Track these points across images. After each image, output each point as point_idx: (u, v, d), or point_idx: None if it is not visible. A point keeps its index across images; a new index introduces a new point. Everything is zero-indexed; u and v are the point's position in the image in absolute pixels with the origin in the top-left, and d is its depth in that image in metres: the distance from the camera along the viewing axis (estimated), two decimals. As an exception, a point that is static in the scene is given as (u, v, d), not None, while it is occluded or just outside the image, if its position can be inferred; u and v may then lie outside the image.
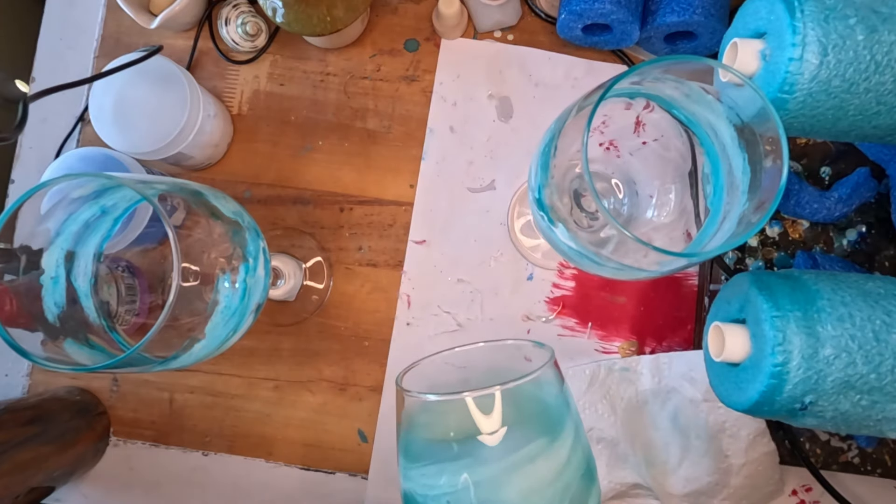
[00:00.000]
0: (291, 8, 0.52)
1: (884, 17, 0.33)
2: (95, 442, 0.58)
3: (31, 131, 0.62)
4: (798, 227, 0.54)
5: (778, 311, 0.34)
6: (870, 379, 0.33)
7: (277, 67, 0.61)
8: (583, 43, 0.57)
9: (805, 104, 0.34)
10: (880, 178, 0.52)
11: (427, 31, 0.60)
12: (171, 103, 0.52)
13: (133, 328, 0.47)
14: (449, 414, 0.28)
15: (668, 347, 0.58)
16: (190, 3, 0.56)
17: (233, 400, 0.59)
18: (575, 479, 0.28)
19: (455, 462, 0.27)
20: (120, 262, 0.48)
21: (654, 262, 0.33)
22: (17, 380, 0.60)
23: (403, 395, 0.30)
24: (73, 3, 0.62)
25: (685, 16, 0.50)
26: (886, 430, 0.35)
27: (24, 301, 0.38)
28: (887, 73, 0.33)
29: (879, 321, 0.34)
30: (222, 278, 0.40)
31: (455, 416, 0.28)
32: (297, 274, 0.57)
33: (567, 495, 0.28)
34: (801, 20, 0.32)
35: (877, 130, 0.36)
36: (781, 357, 0.33)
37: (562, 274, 0.58)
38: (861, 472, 0.53)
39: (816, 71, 0.32)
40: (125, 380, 0.60)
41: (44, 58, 0.62)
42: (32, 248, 0.39)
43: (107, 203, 0.43)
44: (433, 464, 0.28)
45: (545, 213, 0.37)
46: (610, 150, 0.42)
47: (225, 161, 0.61)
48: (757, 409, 0.36)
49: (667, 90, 0.37)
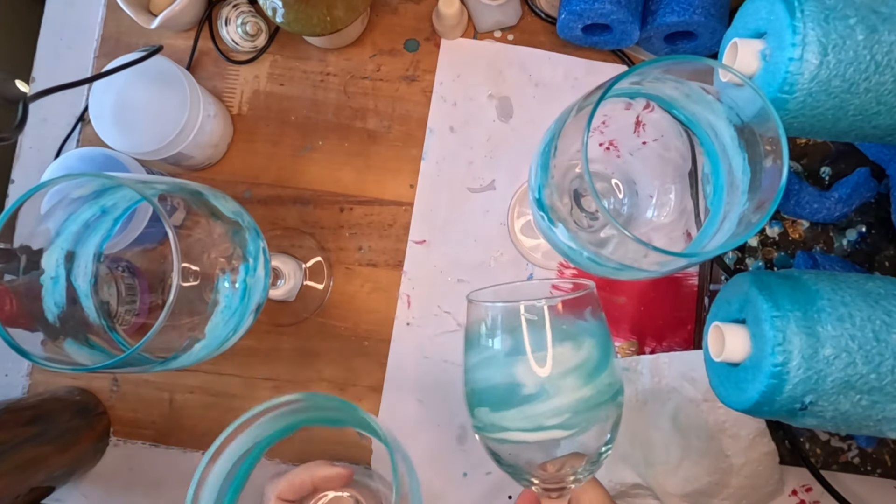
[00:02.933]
0: (291, 8, 0.52)
1: (884, 17, 0.33)
2: (95, 442, 0.58)
3: (31, 131, 0.62)
4: (798, 227, 0.54)
5: (778, 311, 0.34)
6: (870, 379, 0.33)
7: (277, 67, 0.61)
8: (583, 43, 0.57)
9: (805, 104, 0.34)
10: (880, 178, 0.52)
11: (427, 31, 0.60)
12: (171, 103, 0.52)
13: (133, 328, 0.47)
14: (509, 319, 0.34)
15: (668, 347, 0.58)
16: (190, 3, 0.56)
17: (233, 400, 0.59)
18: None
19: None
20: (120, 262, 0.48)
21: (654, 262, 0.33)
22: (17, 380, 0.60)
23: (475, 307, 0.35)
24: (73, 3, 0.62)
25: (685, 16, 0.50)
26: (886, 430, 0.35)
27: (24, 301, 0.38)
28: (887, 73, 0.33)
29: (879, 321, 0.34)
30: (222, 278, 0.40)
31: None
32: (297, 274, 0.57)
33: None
34: (801, 20, 0.32)
35: (877, 130, 0.36)
36: (781, 357, 0.33)
37: (562, 274, 0.58)
38: (861, 472, 0.53)
39: (816, 71, 0.32)
40: (125, 380, 0.60)
41: (44, 58, 0.62)
42: (32, 248, 0.39)
43: (107, 203, 0.43)
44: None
45: (545, 213, 0.37)
46: (610, 150, 0.42)
47: (225, 161, 0.61)
48: (757, 409, 0.36)
49: (667, 90, 0.37)
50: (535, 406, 0.33)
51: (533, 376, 0.33)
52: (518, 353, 0.34)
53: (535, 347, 0.33)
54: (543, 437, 0.33)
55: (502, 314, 0.35)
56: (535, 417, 0.33)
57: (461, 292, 0.59)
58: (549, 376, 0.33)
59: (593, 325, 0.35)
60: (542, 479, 0.35)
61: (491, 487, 0.57)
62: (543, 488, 0.36)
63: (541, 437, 0.33)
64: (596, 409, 0.34)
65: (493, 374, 0.35)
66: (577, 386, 0.33)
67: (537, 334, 0.34)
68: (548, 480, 0.35)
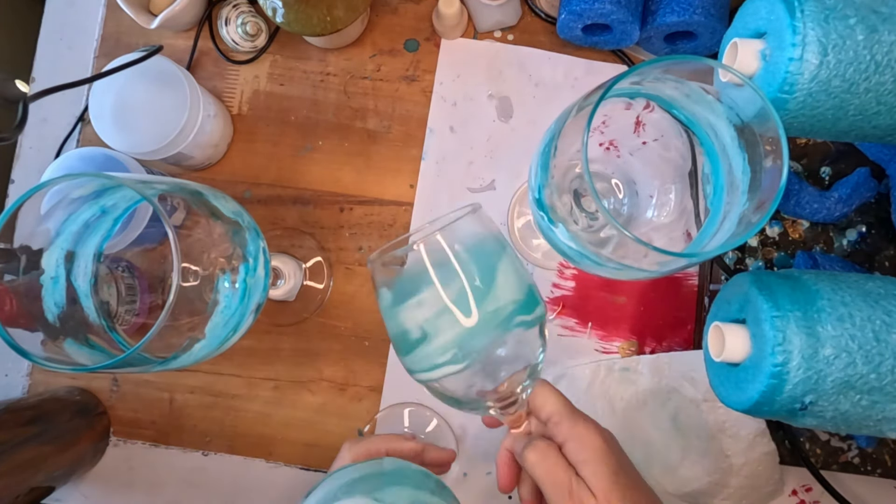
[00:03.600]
0: (291, 8, 0.52)
1: (884, 17, 0.33)
2: (95, 442, 0.58)
3: (31, 131, 0.62)
4: (798, 227, 0.54)
5: (778, 311, 0.34)
6: (870, 379, 0.33)
7: (277, 67, 0.61)
8: (583, 43, 0.57)
9: (805, 104, 0.34)
10: (880, 178, 0.52)
11: (427, 31, 0.60)
12: (171, 103, 0.52)
13: (133, 328, 0.47)
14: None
15: (668, 347, 0.58)
16: (190, 3, 0.56)
17: (233, 400, 0.59)
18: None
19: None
20: (120, 262, 0.48)
21: (654, 262, 0.33)
22: (17, 380, 0.60)
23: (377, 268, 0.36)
24: (73, 3, 0.62)
25: (685, 16, 0.50)
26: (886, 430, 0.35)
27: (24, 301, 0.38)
28: (887, 73, 0.33)
29: (879, 321, 0.34)
30: (222, 278, 0.40)
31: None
32: (297, 274, 0.57)
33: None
34: (801, 20, 0.32)
35: (877, 130, 0.36)
36: (781, 357, 0.33)
37: (562, 274, 0.58)
38: (861, 472, 0.53)
39: (816, 71, 0.32)
40: (125, 380, 0.60)
41: (44, 58, 0.62)
42: (32, 248, 0.39)
43: (107, 203, 0.43)
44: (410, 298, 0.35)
45: (545, 213, 0.37)
46: (610, 150, 0.42)
47: (225, 161, 0.61)
48: (757, 409, 0.36)
49: (667, 90, 0.37)
50: (423, 349, 0.35)
51: (412, 321, 0.35)
52: (399, 302, 0.36)
53: (409, 294, 0.35)
54: (443, 373, 0.35)
55: (376, 268, 0.36)
56: (427, 358, 0.35)
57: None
58: (426, 318, 0.34)
59: (469, 256, 0.35)
60: (497, 400, 0.38)
61: (491, 487, 0.57)
62: (500, 408, 0.38)
63: (441, 373, 0.35)
64: (489, 333, 0.34)
65: (391, 325, 0.37)
66: (454, 322, 0.34)
67: (409, 282, 0.35)
68: (501, 399, 0.37)
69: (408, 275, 0.35)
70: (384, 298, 0.37)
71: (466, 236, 0.35)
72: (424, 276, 0.34)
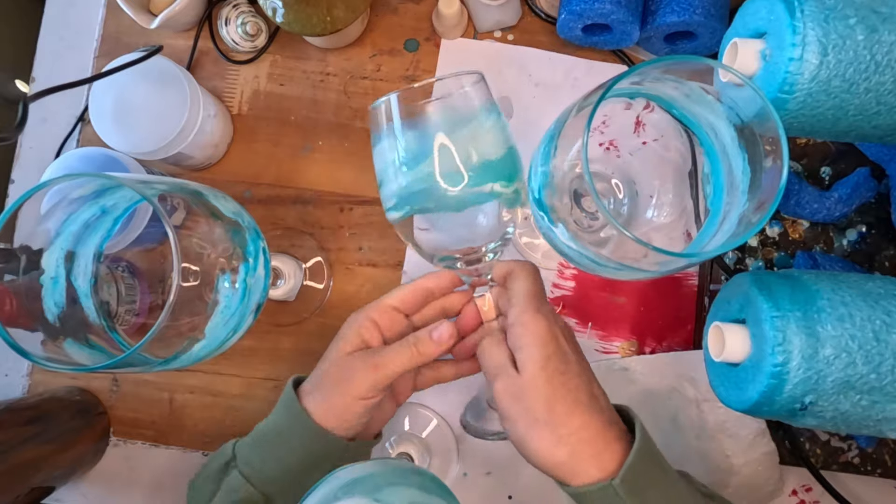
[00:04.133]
0: (291, 8, 0.52)
1: (884, 17, 0.33)
2: (95, 442, 0.58)
3: (31, 131, 0.62)
4: (798, 227, 0.54)
5: (778, 311, 0.34)
6: (870, 379, 0.33)
7: (277, 67, 0.61)
8: (583, 43, 0.57)
9: (805, 104, 0.34)
10: (880, 178, 0.52)
11: (427, 31, 0.60)
12: (171, 103, 0.52)
13: (133, 328, 0.47)
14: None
15: (668, 347, 0.58)
16: (190, 3, 0.56)
17: (233, 400, 0.59)
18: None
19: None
20: (120, 262, 0.48)
21: (654, 263, 0.33)
22: (17, 380, 0.60)
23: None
24: (73, 3, 0.62)
25: (685, 16, 0.50)
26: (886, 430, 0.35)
27: (24, 301, 0.38)
28: (887, 73, 0.33)
29: (879, 321, 0.34)
30: (222, 278, 0.40)
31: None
32: (297, 274, 0.57)
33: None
34: (801, 20, 0.32)
35: (877, 130, 0.36)
36: (781, 357, 0.33)
37: (562, 274, 0.58)
38: (861, 472, 0.53)
39: (816, 71, 0.32)
40: (125, 380, 0.59)
41: (44, 58, 0.62)
42: (32, 248, 0.39)
43: (107, 203, 0.43)
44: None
45: (545, 213, 0.37)
46: (610, 150, 0.42)
47: (225, 161, 0.61)
48: (757, 409, 0.36)
49: (667, 90, 0.37)
50: (381, 190, 0.42)
51: (378, 164, 0.42)
52: (375, 143, 0.42)
53: (379, 139, 0.41)
54: (393, 217, 0.42)
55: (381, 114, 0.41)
56: (384, 200, 0.42)
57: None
58: (383, 165, 0.41)
59: (443, 125, 0.39)
60: (464, 255, 0.42)
61: (491, 487, 0.57)
62: (466, 262, 0.42)
63: (392, 216, 0.42)
64: (429, 193, 0.39)
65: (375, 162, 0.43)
66: (397, 174, 0.40)
67: (390, 131, 0.41)
68: (467, 254, 0.42)
69: (394, 124, 0.40)
70: (373, 137, 0.42)
71: (454, 107, 0.39)
72: (395, 128, 0.40)
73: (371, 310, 0.45)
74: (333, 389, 0.43)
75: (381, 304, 0.45)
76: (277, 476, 0.43)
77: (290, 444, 0.43)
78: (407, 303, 0.46)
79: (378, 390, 0.42)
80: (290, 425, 0.44)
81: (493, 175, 0.40)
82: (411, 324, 0.46)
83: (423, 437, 0.56)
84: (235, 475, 0.43)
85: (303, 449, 0.43)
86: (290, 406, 0.44)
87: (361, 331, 0.44)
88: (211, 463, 0.46)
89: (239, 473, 0.43)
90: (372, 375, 0.42)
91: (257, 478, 0.43)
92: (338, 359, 0.44)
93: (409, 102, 0.40)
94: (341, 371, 0.43)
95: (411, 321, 0.46)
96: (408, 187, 0.40)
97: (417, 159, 0.39)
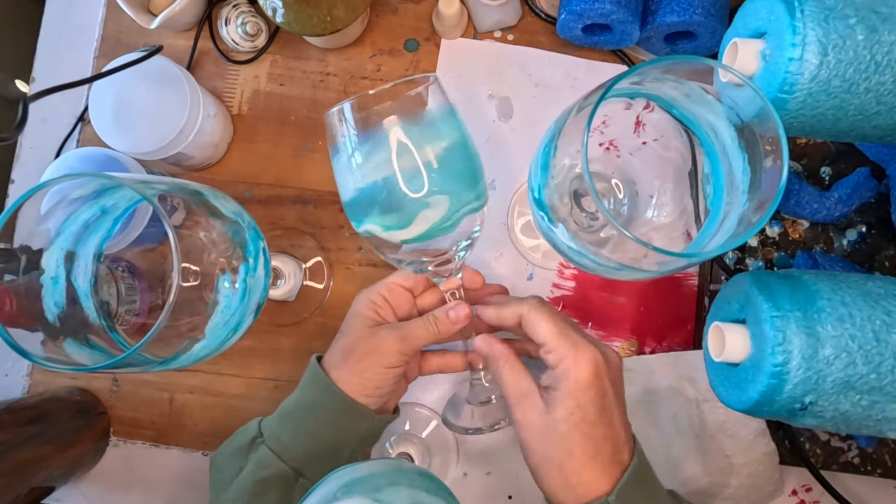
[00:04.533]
0: (291, 8, 0.52)
1: (884, 17, 0.33)
2: (95, 442, 0.58)
3: (31, 131, 0.62)
4: (798, 227, 0.54)
5: (778, 311, 0.34)
6: (870, 379, 0.33)
7: (277, 67, 0.61)
8: (583, 43, 0.57)
9: (805, 104, 0.34)
10: (880, 178, 0.52)
11: (427, 31, 0.60)
12: (171, 103, 0.52)
13: (133, 328, 0.47)
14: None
15: (668, 347, 0.58)
16: (190, 3, 0.56)
17: (233, 400, 0.59)
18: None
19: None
20: (120, 262, 0.48)
21: (653, 263, 0.33)
22: (17, 380, 0.60)
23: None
24: (73, 3, 0.62)
25: (685, 16, 0.50)
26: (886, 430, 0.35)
27: (24, 301, 0.38)
28: (887, 73, 0.33)
29: (879, 321, 0.34)
30: (222, 278, 0.40)
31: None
32: (297, 274, 0.57)
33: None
34: (801, 20, 0.32)
35: (877, 130, 0.36)
36: (781, 357, 0.33)
37: (562, 274, 0.58)
38: (861, 472, 0.53)
39: (816, 71, 0.32)
40: (125, 380, 0.59)
41: (44, 58, 0.62)
42: (32, 248, 0.39)
43: (107, 203, 0.43)
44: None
45: (545, 213, 0.37)
46: (610, 150, 0.42)
47: (225, 161, 0.61)
48: (757, 409, 0.36)
49: (667, 90, 0.37)
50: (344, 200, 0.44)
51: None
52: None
53: (339, 150, 0.42)
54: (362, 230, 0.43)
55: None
56: (348, 211, 0.43)
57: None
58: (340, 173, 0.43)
59: (410, 139, 0.40)
60: (432, 258, 0.44)
61: (491, 487, 0.57)
62: (436, 265, 0.44)
63: (362, 228, 0.43)
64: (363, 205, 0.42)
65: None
66: (352, 187, 0.42)
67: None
68: (437, 256, 0.44)
69: (349, 133, 0.41)
70: (330, 149, 0.43)
71: (410, 112, 0.40)
72: (350, 138, 0.41)
73: (381, 287, 0.47)
74: (362, 361, 0.45)
75: (389, 283, 0.48)
76: (307, 450, 0.44)
77: (319, 417, 0.45)
78: (410, 280, 0.48)
79: (404, 360, 0.45)
80: (319, 399, 0.45)
81: (453, 180, 0.41)
82: (417, 305, 0.49)
83: (423, 437, 0.56)
84: (265, 451, 0.44)
85: (331, 422, 0.45)
86: (318, 381, 0.45)
87: (376, 308, 0.47)
88: (235, 440, 0.47)
89: (268, 449, 0.44)
90: (399, 346, 0.44)
91: (287, 453, 0.44)
92: (362, 333, 0.46)
93: (363, 110, 0.40)
94: (369, 343, 0.45)
95: (416, 303, 0.49)
96: (368, 195, 0.40)
97: (376, 168, 0.40)
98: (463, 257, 0.45)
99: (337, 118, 0.40)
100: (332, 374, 0.45)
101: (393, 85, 0.40)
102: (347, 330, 0.47)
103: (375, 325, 0.46)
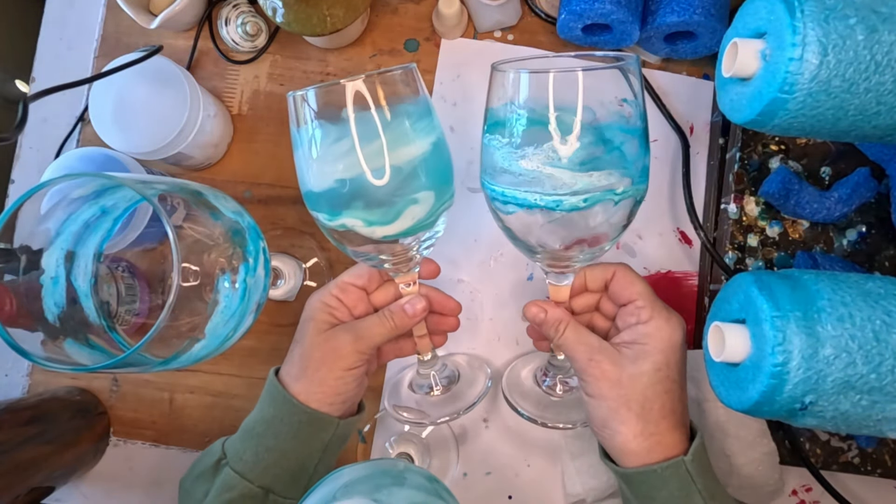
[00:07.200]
0: (291, 8, 0.52)
1: (884, 17, 0.33)
2: (95, 442, 0.58)
3: (31, 131, 0.62)
4: (798, 227, 0.54)
5: (778, 311, 0.34)
6: (870, 379, 0.33)
7: (277, 67, 0.61)
8: (583, 43, 0.57)
9: (805, 104, 0.34)
10: (880, 178, 0.52)
11: (427, 31, 0.60)
12: (171, 103, 0.52)
13: (133, 328, 0.47)
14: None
15: (668, 347, 0.57)
16: (190, 3, 0.56)
17: (233, 400, 0.59)
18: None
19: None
20: (120, 262, 0.48)
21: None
22: (17, 380, 0.60)
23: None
24: (73, 3, 0.62)
25: (685, 16, 0.50)
26: (886, 430, 0.35)
27: (24, 301, 0.38)
28: (887, 73, 0.33)
29: (879, 321, 0.34)
30: (222, 278, 0.40)
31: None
32: (297, 274, 0.57)
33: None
34: (802, 20, 0.32)
35: (877, 130, 0.36)
36: (781, 357, 0.33)
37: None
38: (861, 472, 0.53)
39: (816, 71, 0.32)
40: (125, 380, 0.60)
41: (44, 58, 0.62)
42: (32, 248, 0.39)
43: (107, 203, 0.43)
44: None
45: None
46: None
47: (225, 161, 0.61)
48: (757, 409, 0.36)
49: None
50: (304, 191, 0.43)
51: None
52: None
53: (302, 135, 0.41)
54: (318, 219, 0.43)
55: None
56: (309, 203, 0.43)
57: (462, 292, 0.59)
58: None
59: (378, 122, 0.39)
60: (393, 254, 0.43)
61: (491, 487, 0.57)
62: (393, 264, 0.44)
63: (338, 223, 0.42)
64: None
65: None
66: (314, 177, 0.41)
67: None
68: (397, 254, 0.43)
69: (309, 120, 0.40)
70: (292, 136, 0.42)
71: (378, 103, 0.39)
72: (311, 125, 0.40)
73: (333, 288, 0.47)
74: (321, 370, 0.44)
75: (341, 282, 0.47)
76: (271, 466, 0.44)
77: (280, 431, 0.44)
78: (363, 277, 0.47)
79: (363, 360, 0.44)
80: (278, 413, 0.44)
81: (439, 175, 0.41)
82: (371, 302, 0.48)
83: (423, 437, 0.56)
84: (228, 472, 0.44)
85: (293, 435, 0.44)
86: (276, 395, 0.44)
87: (331, 309, 0.46)
88: (200, 462, 0.46)
89: (232, 470, 0.43)
90: (356, 345, 0.44)
91: (252, 472, 0.43)
92: (316, 338, 0.45)
93: (328, 98, 0.39)
94: (324, 348, 0.44)
95: (371, 300, 0.48)
96: (354, 188, 0.39)
97: (339, 157, 0.39)
98: (426, 254, 0.45)
99: (304, 101, 0.39)
100: (292, 387, 0.44)
101: (367, 75, 0.39)
102: (301, 337, 0.46)
103: (331, 327, 0.45)
